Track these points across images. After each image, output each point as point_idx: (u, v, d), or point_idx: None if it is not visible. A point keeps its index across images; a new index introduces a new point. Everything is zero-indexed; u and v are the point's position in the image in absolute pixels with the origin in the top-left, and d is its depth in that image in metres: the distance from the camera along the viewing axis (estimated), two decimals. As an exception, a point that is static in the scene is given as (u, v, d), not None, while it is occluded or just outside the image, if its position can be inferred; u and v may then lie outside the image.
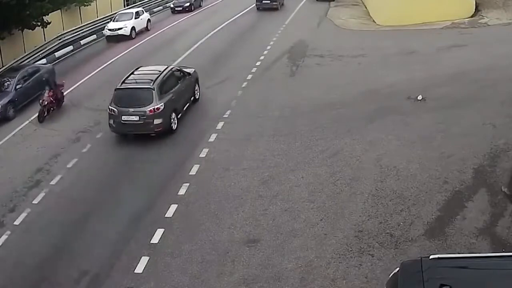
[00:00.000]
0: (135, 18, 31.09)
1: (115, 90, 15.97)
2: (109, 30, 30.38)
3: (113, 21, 31.19)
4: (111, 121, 15.66)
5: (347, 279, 9.23)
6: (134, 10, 32.27)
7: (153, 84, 15.67)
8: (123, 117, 15.33)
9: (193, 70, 18.74)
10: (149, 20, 32.85)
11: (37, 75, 20.95)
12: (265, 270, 9.69)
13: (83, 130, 17.02)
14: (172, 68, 17.49)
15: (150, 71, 17.05)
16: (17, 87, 19.63)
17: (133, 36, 30.21)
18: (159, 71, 16.63)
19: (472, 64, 19.30)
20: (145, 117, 15.16)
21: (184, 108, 17.03)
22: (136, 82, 16.22)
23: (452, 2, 27.07)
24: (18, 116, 19.02)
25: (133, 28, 30.44)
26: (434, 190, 11.49)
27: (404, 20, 26.47)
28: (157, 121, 15.21)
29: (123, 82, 16.26)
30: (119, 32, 29.98)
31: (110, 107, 15.69)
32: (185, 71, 17.99)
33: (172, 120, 15.82)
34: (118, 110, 15.40)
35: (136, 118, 15.23)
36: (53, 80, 20.22)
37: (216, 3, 40.83)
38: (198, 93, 18.52)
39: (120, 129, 15.69)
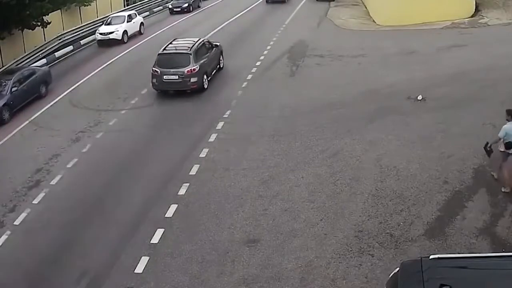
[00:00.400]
0: (128, 22, 30.06)
1: (158, 55, 19.43)
2: (100, 34, 29.41)
3: (105, 24, 30.24)
4: (154, 80, 19.08)
5: (347, 279, 9.23)
6: (126, 13, 31.20)
7: (190, 50, 19.21)
8: (164, 76, 18.77)
9: (219, 43, 22.12)
10: (142, 23, 31.83)
11: (33, 77, 20.71)
12: (265, 270, 9.69)
13: (83, 130, 17.02)
14: (203, 40, 21.02)
15: (186, 41, 20.57)
16: (13, 89, 19.33)
17: (125, 41, 29.20)
18: (194, 41, 20.26)
19: (472, 64, 19.31)
20: (183, 76, 18.61)
21: (212, 73, 20.48)
22: (176, 49, 19.70)
23: (452, 2, 27.08)
24: (15, 118, 18.89)
25: (125, 32, 29.42)
26: (434, 190, 11.50)
27: (404, 20, 26.49)
28: (193, 80, 18.66)
29: (164, 49, 19.82)
30: (111, 36, 29.01)
31: (153, 68, 19.04)
32: (213, 43, 21.52)
33: (204, 80, 19.25)
34: (160, 71, 18.83)
35: (175, 77, 18.68)
36: None
37: (216, 3, 40.85)
38: (222, 63, 22.00)
39: (161, 86, 19.12)
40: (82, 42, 30.10)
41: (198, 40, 20.36)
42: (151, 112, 18.33)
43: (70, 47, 28.77)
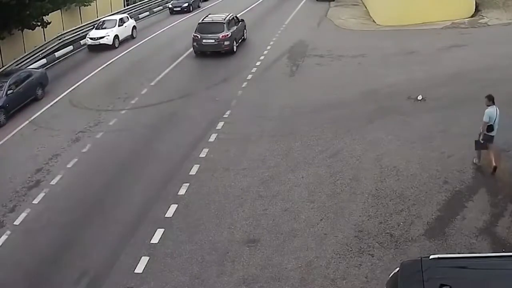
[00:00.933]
0: (119, 26, 28.88)
1: (198, 24, 24.61)
2: (91, 39, 28.29)
3: (95, 28, 29.18)
4: (195, 43, 24.20)
5: (347, 279, 9.23)
6: (118, 17, 29.92)
7: (224, 20, 24.38)
8: (203, 40, 23.90)
9: (243, 20, 27.13)
10: (134, 27, 30.69)
11: (29, 80, 20.55)
12: (265, 270, 9.69)
13: (83, 130, 17.01)
14: (233, 15, 25.81)
15: (219, 15, 25.55)
16: (8, 92, 19.15)
17: (116, 46, 28.09)
18: (226, 15, 25.33)
19: (472, 64, 19.30)
20: (218, 40, 23.69)
21: (239, 41, 25.48)
22: (213, 19, 24.92)
23: (452, 2, 27.08)
24: (12, 120, 18.81)
25: (116, 36, 28.32)
26: (434, 190, 11.50)
27: (404, 20, 26.48)
28: (226, 43, 23.79)
29: (203, 20, 25.07)
30: (101, 41, 27.90)
31: (194, 34, 24.22)
32: (239, 18, 26.50)
33: (234, 45, 24.31)
34: (200, 36, 23.97)
35: (212, 40, 23.75)
36: None
37: (216, 3, 40.82)
38: (246, 35, 26.99)
39: (200, 48, 24.14)
40: (82, 42, 29.95)
41: (229, 14, 25.36)
42: (151, 112, 18.32)
43: (70, 47, 28.65)
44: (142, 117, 17.92)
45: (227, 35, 23.79)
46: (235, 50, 24.30)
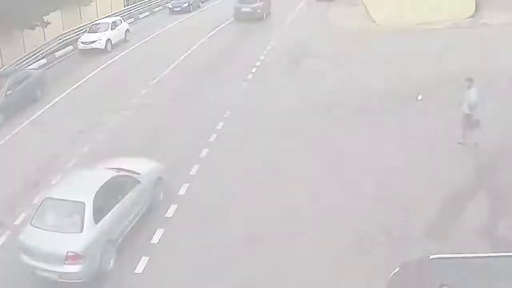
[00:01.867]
0: (112, 29, 28.20)
1: None
2: (82, 43, 27.59)
3: (87, 32, 28.47)
4: (235, 11, 32.27)
5: (347, 279, 9.23)
6: (110, 20, 29.29)
7: None
8: (242, 9, 32.01)
9: None
10: (127, 30, 29.97)
11: (27, 80, 20.40)
12: (265, 270, 9.68)
13: (83, 130, 17.00)
14: None
15: None
16: (7, 93, 19.03)
17: (109, 50, 27.33)
18: None
19: (472, 64, 19.24)
20: (254, 9, 31.97)
21: (267, 14, 33.36)
22: None
23: (452, 2, 27.05)
24: (12, 120, 18.71)
25: (108, 40, 27.53)
26: (434, 190, 11.50)
27: (404, 20, 26.47)
28: (259, 11, 32.13)
29: None
30: (93, 45, 27.22)
31: (235, 4, 32.34)
32: None
33: (264, 14, 32.72)
34: (240, 5, 32.09)
35: (249, 9, 31.93)
36: None
37: (215, 3, 40.83)
38: (271, 10, 34.30)
39: (239, 16, 32.00)
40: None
41: None
42: (151, 112, 18.31)
43: (70, 47, 28.62)
44: (142, 117, 17.90)
45: (260, 5, 32.09)
46: (264, 17, 32.41)
